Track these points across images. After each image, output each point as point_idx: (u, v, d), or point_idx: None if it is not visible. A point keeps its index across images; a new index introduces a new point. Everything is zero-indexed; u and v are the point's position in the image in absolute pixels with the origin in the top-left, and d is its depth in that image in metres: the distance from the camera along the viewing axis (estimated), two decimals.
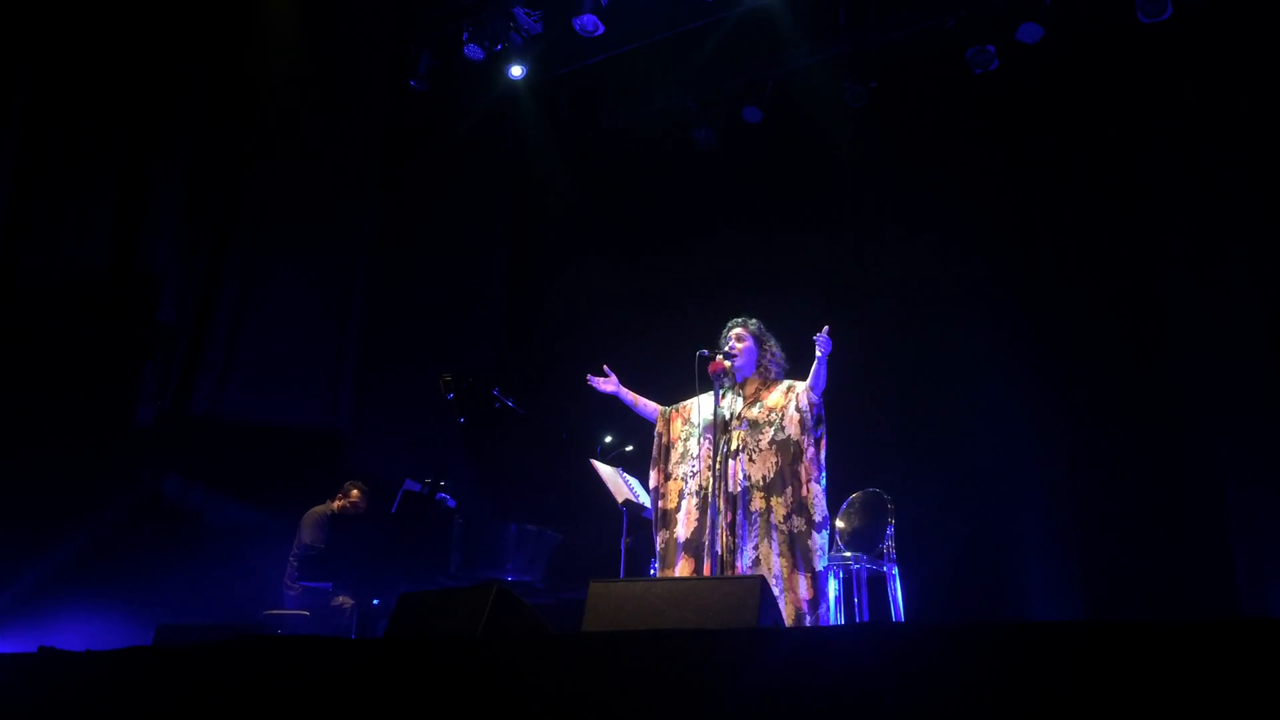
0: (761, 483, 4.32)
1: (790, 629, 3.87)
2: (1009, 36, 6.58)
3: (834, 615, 4.97)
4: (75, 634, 5.41)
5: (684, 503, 4.47)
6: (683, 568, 4.35)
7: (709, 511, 4.27)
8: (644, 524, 4.86)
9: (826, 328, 4.25)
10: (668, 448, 4.64)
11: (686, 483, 4.50)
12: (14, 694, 3.10)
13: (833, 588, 5.04)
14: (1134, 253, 6.30)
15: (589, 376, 4.78)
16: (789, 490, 4.28)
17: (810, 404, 4.36)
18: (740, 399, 4.52)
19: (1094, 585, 5.90)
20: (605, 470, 5.25)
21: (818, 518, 4.24)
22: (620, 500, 5.16)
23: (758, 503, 4.30)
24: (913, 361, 6.76)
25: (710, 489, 4.30)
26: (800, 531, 4.23)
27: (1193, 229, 6.13)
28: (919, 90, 7.20)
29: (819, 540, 4.22)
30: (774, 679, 2.01)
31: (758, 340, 4.61)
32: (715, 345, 4.59)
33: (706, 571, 4.29)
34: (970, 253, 6.76)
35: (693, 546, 4.36)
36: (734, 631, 2.63)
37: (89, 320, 6.09)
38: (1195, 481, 5.80)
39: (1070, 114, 6.66)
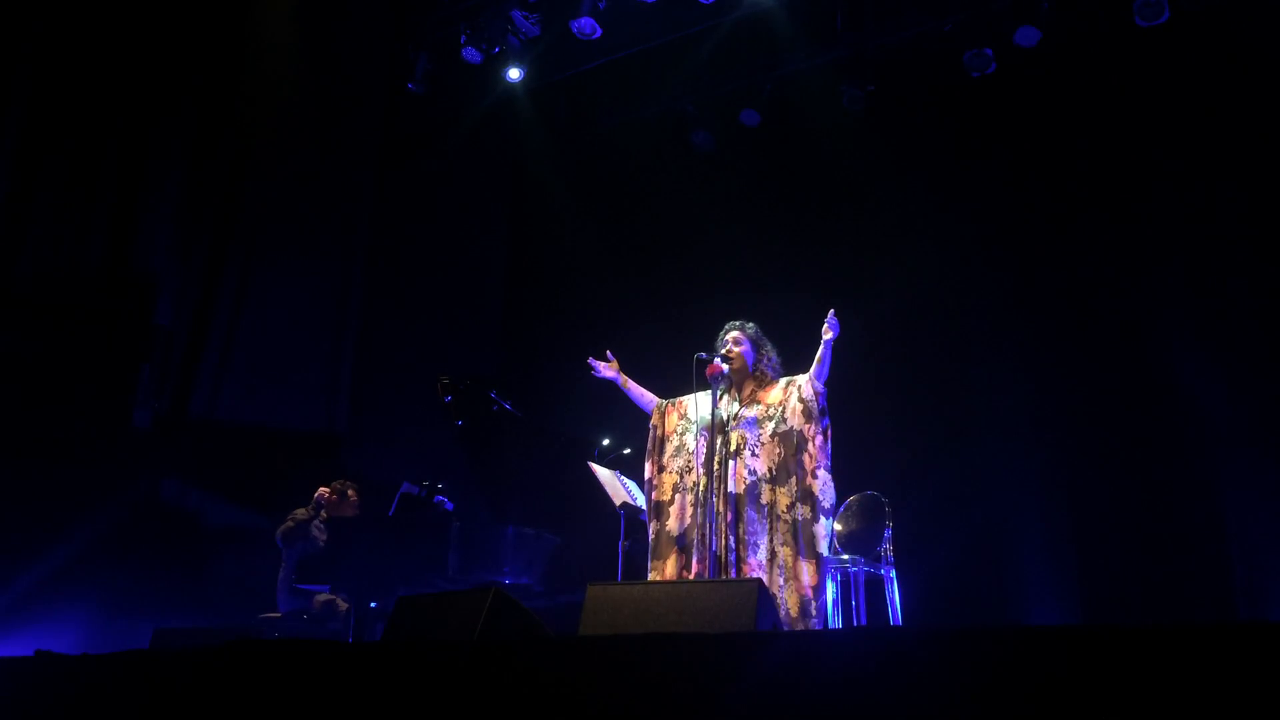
0: (768, 475, 4.37)
1: (788, 633, 3.87)
2: (1006, 40, 6.58)
3: (830, 617, 4.98)
4: (72, 637, 5.41)
5: (678, 496, 4.54)
6: (673, 561, 4.43)
7: (707, 512, 4.29)
8: (642, 527, 4.86)
9: (833, 310, 4.26)
10: (662, 440, 4.69)
11: (681, 477, 4.55)
12: (11, 697, 3.09)
13: (830, 590, 5.04)
14: (1132, 255, 6.30)
15: (590, 360, 4.79)
16: (793, 480, 4.33)
17: (815, 393, 4.38)
18: (736, 401, 4.55)
19: (1091, 589, 5.90)
20: (603, 473, 5.25)
21: (825, 504, 4.29)
22: (618, 503, 5.15)
23: (766, 495, 4.35)
24: (910, 365, 6.76)
25: (707, 490, 4.32)
26: (805, 519, 4.27)
27: (1190, 231, 6.13)
28: (916, 94, 7.20)
29: (823, 527, 4.27)
30: (771, 682, 2.01)
31: (754, 344, 4.63)
32: (713, 348, 4.61)
33: (695, 568, 4.33)
34: (968, 256, 6.76)
35: (684, 542, 4.41)
36: (731, 635, 2.63)
37: (85, 323, 6.08)
38: (1192, 485, 5.80)
39: (1068, 117, 6.66)
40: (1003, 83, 6.79)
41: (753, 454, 4.41)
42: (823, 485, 4.30)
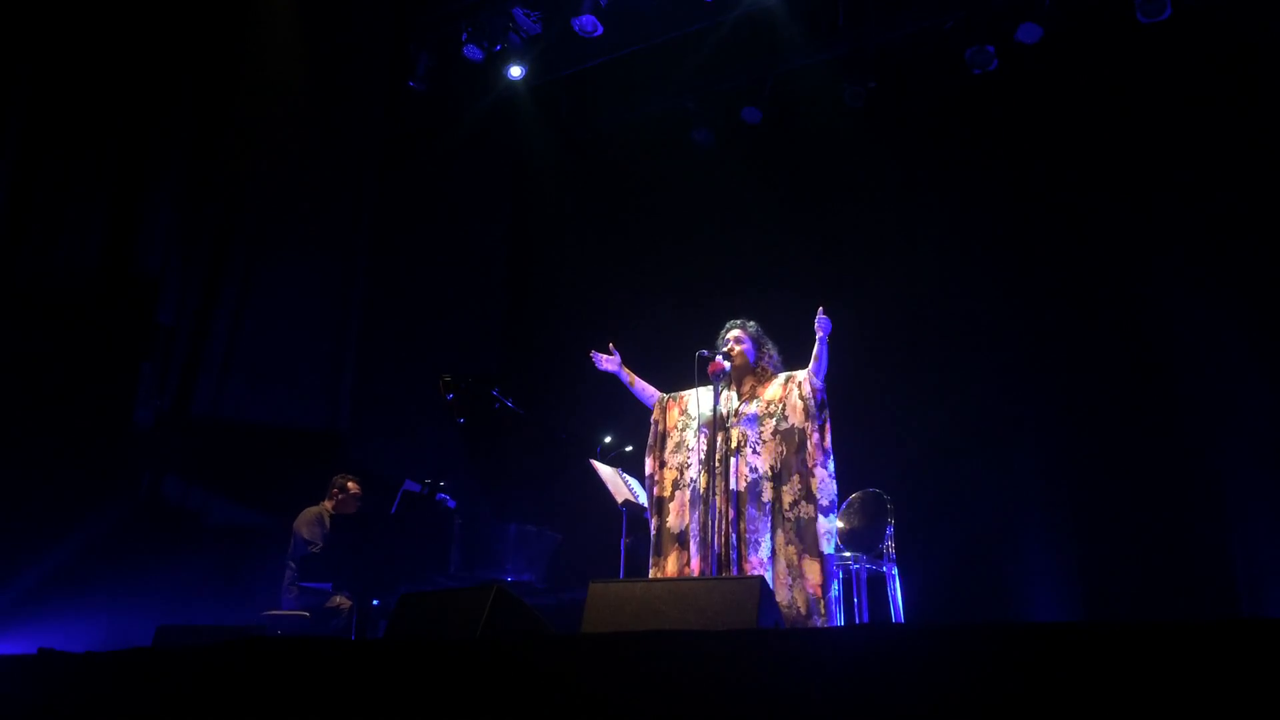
0: (770, 473, 4.38)
1: (790, 630, 3.87)
2: (1008, 37, 6.58)
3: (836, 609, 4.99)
4: (75, 635, 5.41)
5: (678, 493, 4.55)
6: (673, 558, 4.44)
7: (709, 510, 4.29)
8: (644, 524, 4.87)
9: (822, 308, 4.27)
10: (663, 436, 4.70)
11: (681, 473, 4.56)
12: (14, 695, 3.10)
13: (833, 587, 5.04)
14: (1133, 252, 6.30)
15: (592, 353, 4.80)
16: (795, 477, 4.33)
17: (813, 389, 4.39)
18: (736, 397, 4.55)
19: (1093, 585, 5.90)
20: (605, 470, 5.26)
21: (824, 502, 4.28)
22: (620, 500, 5.16)
23: (768, 493, 4.34)
24: (912, 361, 6.76)
25: (709, 487, 4.33)
26: (808, 518, 4.26)
27: (1193, 228, 6.13)
28: (918, 90, 7.20)
29: (824, 525, 4.25)
30: (774, 680, 2.01)
31: (755, 342, 4.64)
32: (714, 346, 4.61)
33: (696, 566, 4.33)
34: (969, 253, 6.76)
35: (684, 539, 4.42)
36: (733, 633, 2.63)
37: (86, 322, 6.07)
38: (1194, 481, 5.80)
39: (1070, 114, 6.66)
40: (1004, 79, 6.78)
41: (754, 451, 4.41)
42: (821, 483, 4.29)
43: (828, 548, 4.24)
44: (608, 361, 4.78)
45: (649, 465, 4.68)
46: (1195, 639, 1.71)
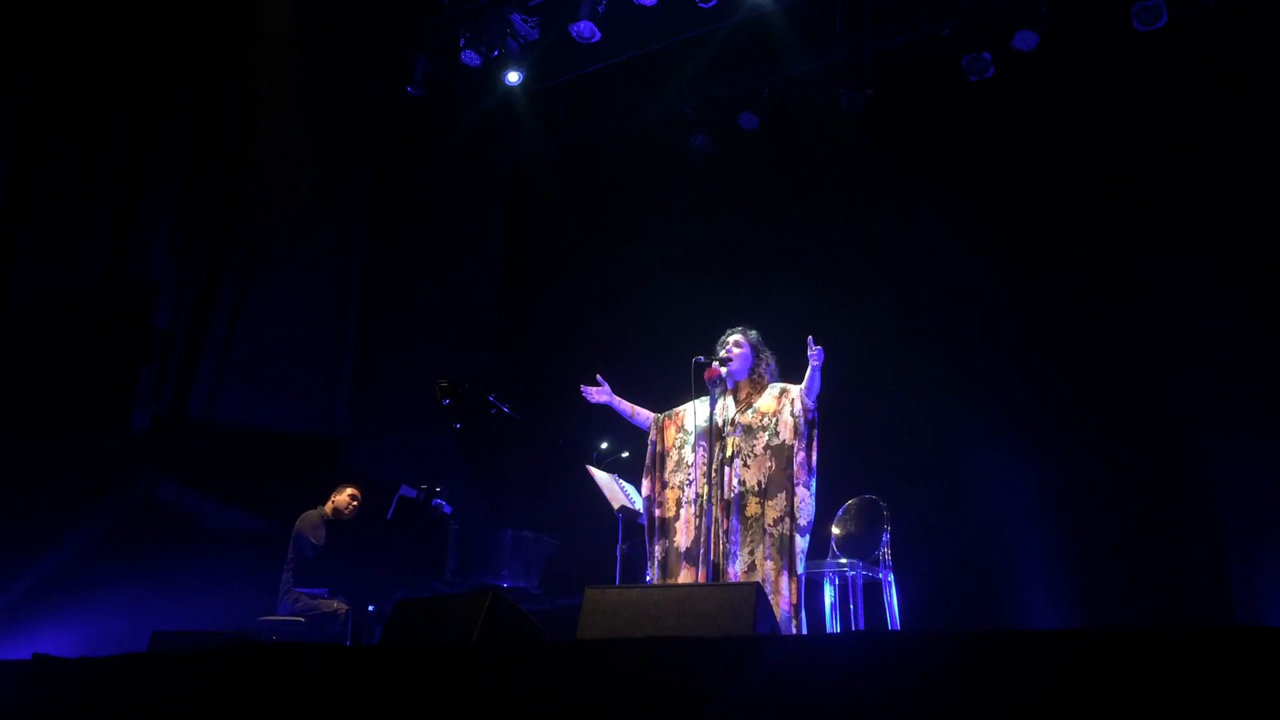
0: (756, 488, 4.35)
1: (786, 636, 3.87)
2: (1005, 44, 6.59)
3: (828, 621, 4.99)
4: (70, 640, 5.40)
5: (682, 511, 4.49)
6: (684, 577, 4.39)
7: (705, 519, 4.28)
8: (640, 530, 4.86)
9: (811, 338, 4.27)
10: (662, 456, 4.65)
11: (684, 491, 4.52)
12: (8, 701, 3.09)
13: (828, 594, 5.05)
14: (1129, 260, 6.31)
15: (582, 387, 4.78)
16: (782, 495, 4.31)
17: (805, 408, 4.38)
18: (732, 403, 4.54)
19: (1090, 593, 5.90)
20: (601, 476, 5.25)
21: (803, 521, 4.28)
22: (616, 506, 5.15)
23: (752, 508, 4.33)
24: (908, 367, 6.76)
25: (706, 496, 4.32)
26: (788, 535, 4.26)
27: (1189, 237, 6.14)
28: (915, 97, 7.21)
29: (800, 544, 4.27)
30: (769, 686, 2.01)
31: (754, 349, 4.63)
32: (711, 353, 4.60)
33: (704, 579, 4.31)
34: (966, 260, 6.76)
35: (693, 555, 4.38)
36: (729, 639, 2.63)
37: (84, 326, 6.07)
38: (1190, 489, 5.80)
39: (1066, 121, 6.68)
40: (1001, 87, 6.80)
41: (744, 464, 4.39)
42: (802, 502, 4.29)
43: (801, 567, 4.26)
44: (598, 394, 4.73)
45: (647, 487, 4.63)
46: (1192, 646, 1.71)
